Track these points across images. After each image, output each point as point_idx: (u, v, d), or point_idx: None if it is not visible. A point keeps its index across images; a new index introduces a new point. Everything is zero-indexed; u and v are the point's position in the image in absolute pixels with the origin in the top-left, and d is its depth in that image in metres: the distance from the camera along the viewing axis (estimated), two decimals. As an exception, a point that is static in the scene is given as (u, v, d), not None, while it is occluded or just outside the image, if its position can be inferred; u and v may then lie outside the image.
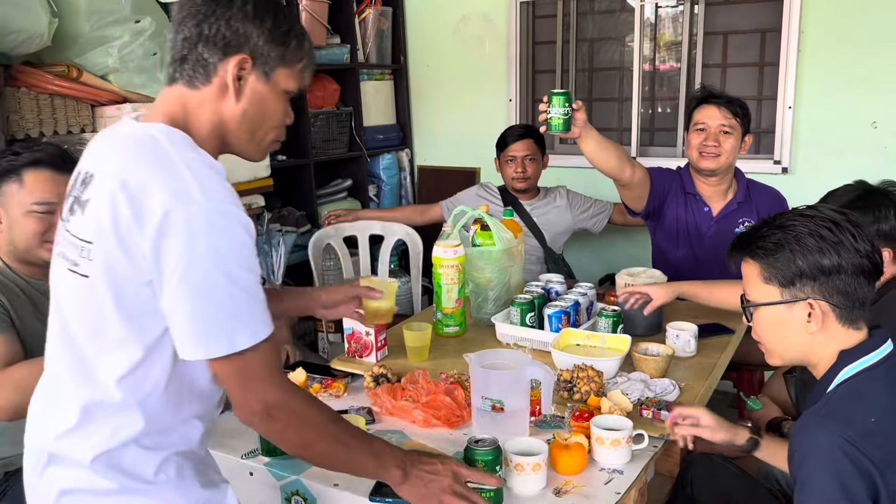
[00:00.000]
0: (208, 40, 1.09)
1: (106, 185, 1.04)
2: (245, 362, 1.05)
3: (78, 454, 1.10)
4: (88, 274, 1.06)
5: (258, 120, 1.15)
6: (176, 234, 0.99)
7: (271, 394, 1.08)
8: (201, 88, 1.11)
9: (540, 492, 1.39)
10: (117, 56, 2.49)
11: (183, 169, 1.03)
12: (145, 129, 1.09)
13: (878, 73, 3.07)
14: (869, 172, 3.10)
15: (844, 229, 1.22)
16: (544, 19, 3.92)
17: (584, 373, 1.70)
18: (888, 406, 1.18)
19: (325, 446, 1.16)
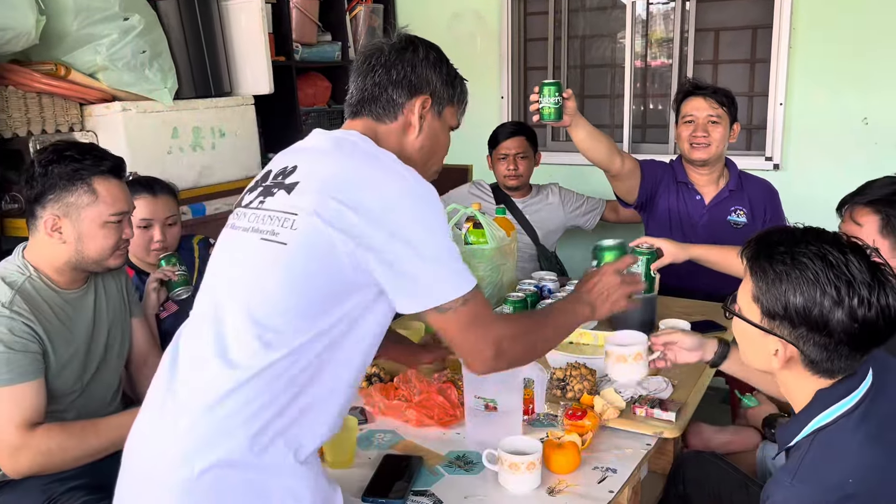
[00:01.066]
0: (397, 84, 1.28)
1: (319, 170, 1.18)
2: (475, 305, 1.17)
3: (238, 425, 1.10)
4: (287, 242, 1.14)
5: (431, 152, 1.35)
6: (394, 208, 1.12)
7: (497, 330, 1.20)
8: (388, 124, 1.30)
9: (534, 491, 1.39)
10: (106, 54, 2.47)
11: (385, 159, 1.20)
12: (344, 135, 1.25)
13: (868, 69, 3.07)
14: (860, 169, 3.12)
15: (855, 292, 1.08)
16: (536, 16, 3.91)
17: (577, 371, 1.69)
18: (866, 460, 1.09)
19: (544, 343, 1.34)
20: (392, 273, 1.13)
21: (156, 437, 1.16)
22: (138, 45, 2.53)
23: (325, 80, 3.68)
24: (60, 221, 1.60)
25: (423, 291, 1.14)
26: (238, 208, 1.28)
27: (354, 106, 1.31)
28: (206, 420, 1.11)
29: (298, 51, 3.45)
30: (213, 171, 2.88)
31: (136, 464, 1.18)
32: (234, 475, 1.10)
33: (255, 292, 1.15)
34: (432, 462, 1.51)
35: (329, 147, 1.23)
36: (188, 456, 1.10)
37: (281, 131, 3.45)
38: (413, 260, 1.12)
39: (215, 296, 1.21)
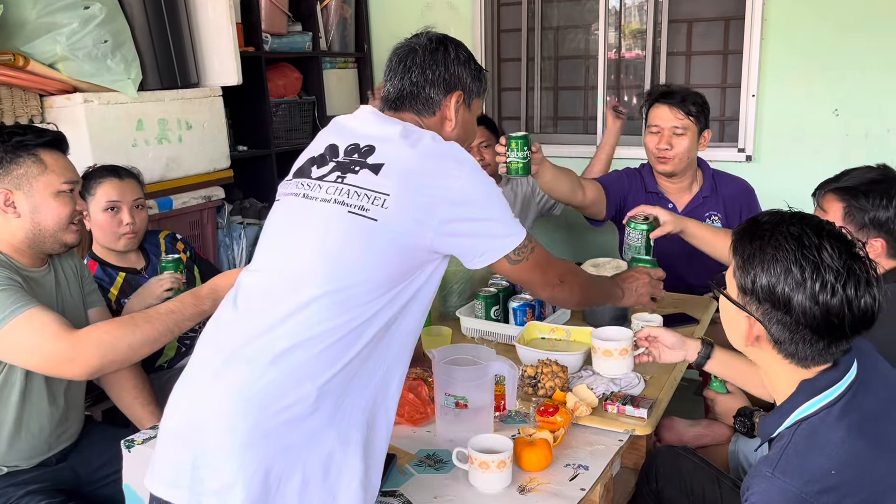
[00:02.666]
0: (434, 83, 1.40)
1: (401, 156, 1.28)
2: (537, 251, 1.39)
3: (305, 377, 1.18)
4: (378, 218, 1.23)
5: (464, 140, 1.44)
6: (464, 186, 1.26)
7: (559, 269, 1.49)
8: (428, 118, 1.42)
9: (505, 490, 1.37)
10: (66, 44, 2.40)
11: (451, 147, 1.32)
12: (408, 125, 1.34)
13: (839, 61, 3.09)
14: (831, 160, 3.15)
15: (819, 276, 1.09)
16: (509, 7, 3.88)
17: (549, 368, 1.67)
18: (849, 452, 1.09)
19: (588, 296, 1.63)
20: (469, 239, 1.29)
21: (217, 389, 1.19)
22: (100, 34, 2.46)
23: (296, 71, 3.62)
24: (13, 195, 1.60)
25: (496, 244, 1.32)
26: (303, 178, 1.34)
27: (394, 102, 1.42)
28: (274, 370, 1.17)
29: (268, 41, 3.39)
30: (180, 165, 2.82)
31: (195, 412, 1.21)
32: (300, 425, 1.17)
33: (341, 260, 1.23)
34: (402, 461, 1.48)
35: (399, 135, 1.31)
36: (259, 402, 1.16)
37: (251, 123, 3.39)
38: (484, 222, 1.29)
39: (291, 258, 1.26)
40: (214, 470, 1.14)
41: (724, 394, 1.85)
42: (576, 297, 1.57)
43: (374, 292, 1.23)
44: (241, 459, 1.13)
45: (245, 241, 3.15)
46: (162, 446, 1.24)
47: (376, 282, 1.23)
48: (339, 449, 1.19)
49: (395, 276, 1.25)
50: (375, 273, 1.23)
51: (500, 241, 1.33)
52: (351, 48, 3.95)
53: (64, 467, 1.71)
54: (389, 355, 1.28)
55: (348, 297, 1.21)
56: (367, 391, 1.25)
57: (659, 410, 1.63)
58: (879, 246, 1.62)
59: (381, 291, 1.24)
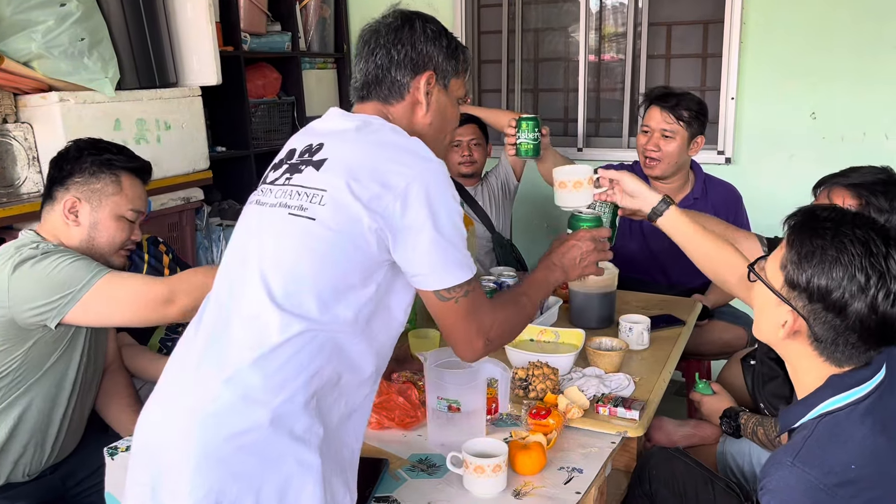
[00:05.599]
0: (400, 64, 1.27)
1: (347, 150, 1.19)
2: (475, 296, 1.21)
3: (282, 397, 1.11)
4: (315, 217, 1.15)
5: (442, 126, 1.34)
6: (420, 188, 1.13)
7: (486, 321, 1.24)
8: (396, 105, 1.29)
9: (500, 494, 1.36)
10: (41, 41, 2.34)
11: (412, 142, 1.20)
12: (369, 119, 1.25)
13: (816, 65, 3.13)
14: (809, 163, 3.19)
15: (884, 286, 1.07)
16: (489, 8, 3.87)
17: (540, 370, 1.67)
18: (871, 448, 1.08)
19: (524, 318, 1.37)
20: (409, 251, 1.15)
21: (190, 403, 1.13)
22: (76, 32, 2.40)
23: (275, 72, 3.58)
24: (80, 205, 1.64)
25: (435, 272, 1.17)
26: (263, 185, 1.28)
27: (360, 90, 1.31)
28: (227, 392, 1.10)
29: (247, 41, 3.35)
30: (159, 165, 2.75)
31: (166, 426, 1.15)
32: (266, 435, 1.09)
33: (284, 267, 1.15)
34: (394, 466, 1.46)
35: (354, 129, 1.23)
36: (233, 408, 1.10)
37: (230, 123, 3.34)
38: (431, 240, 1.14)
39: (241, 270, 1.20)
40: (171, 492, 1.09)
41: (709, 395, 1.86)
42: (505, 343, 1.36)
43: (325, 303, 1.13)
44: (193, 482, 1.07)
45: (224, 242, 3.10)
46: (131, 464, 1.19)
47: (325, 290, 1.13)
48: (298, 473, 1.10)
49: (345, 283, 1.15)
50: (321, 279, 1.14)
51: (439, 271, 1.17)
52: (330, 48, 3.91)
53: (53, 478, 1.67)
54: (354, 373, 1.19)
55: (297, 310, 1.12)
56: (330, 413, 1.16)
57: (650, 411, 1.63)
58: None
59: (332, 302, 1.14)
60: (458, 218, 1.19)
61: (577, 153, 3.66)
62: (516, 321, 1.34)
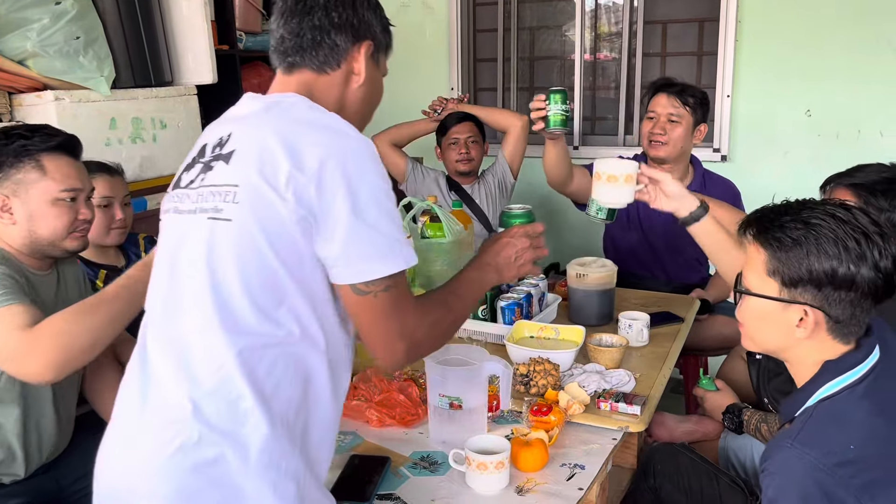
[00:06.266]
0: (340, 27, 1.16)
1: (254, 138, 1.07)
2: (398, 291, 1.07)
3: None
4: (232, 217, 1.05)
5: (371, 101, 1.25)
6: (336, 166, 1.02)
7: (413, 319, 1.10)
8: (330, 73, 1.18)
9: (502, 491, 1.35)
10: (36, 40, 2.32)
11: (330, 119, 1.09)
12: (281, 97, 1.14)
13: (811, 63, 3.14)
14: (804, 160, 3.20)
15: (874, 244, 1.09)
16: (485, 7, 3.87)
17: (541, 366, 1.67)
18: (869, 429, 1.10)
19: (453, 322, 1.23)
20: (327, 241, 1.03)
21: (142, 434, 1.06)
22: (71, 30, 2.39)
23: (271, 70, 3.55)
24: (10, 201, 1.53)
25: (351, 263, 1.03)
26: (177, 190, 1.16)
27: (289, 54, 1.17)
28: (175, 426, 1.02)
29: (242, 39, 3.33)
30: (155, 164, 2.75)
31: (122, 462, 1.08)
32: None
33: (214, 281, 1.04)
34: (396, 463, 1.46)
35: (263, 109, 1.12)
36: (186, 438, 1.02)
37: (225, 123, 3.32)
38: (348, 226, 1.02)
39: (171, 289, 1.11)
40: None
41: (713, 391, 1.86)
42: (433, 350, 1.22)
43: (265, 314, 1.03)
44: None
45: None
46: None
47: (261, 299, 1.03)
48: (273, 499, 1.03)
49: (281, 289, 1.03)
50: (255, 288, 1.03)
51: (356, 261, 1.03)
52: (325, 48, 3.90)
53: (46, 478, 1.66)
54: (314, 387, 1.09)
55: (237, 327, 1.03)
56: (295, 430, 1.07)
57: (651, 407, 1.63)
58: None
59: (272, 311, 1.03)
60: (384, 198, 1.06)
61: (573, 151, 3.66)
62: (445, 324, 1.19)
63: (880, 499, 1.05)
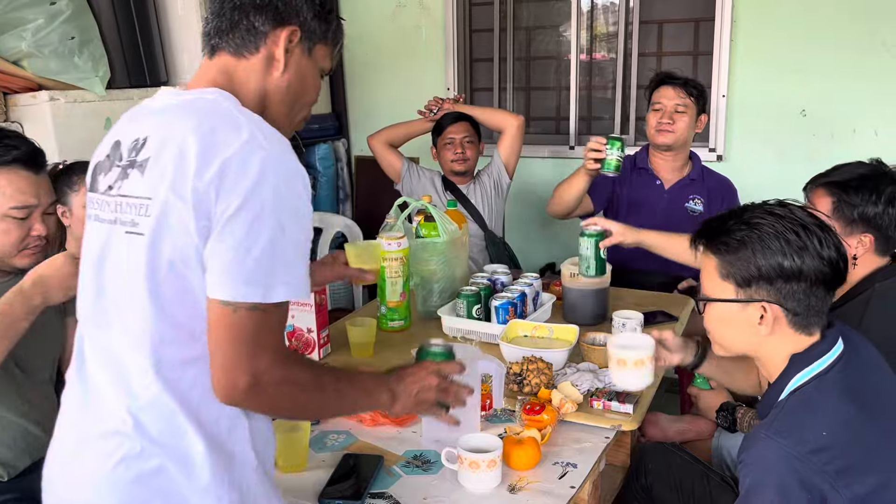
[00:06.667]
0: (261, 8, 1.09)
1: (169, 142, 1.01)
2: (257, 317, 0.97)
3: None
4: (144, 232, 1.01)
5: (299, 94, 1.16)
6: (238, 171, 0.96)
7: (265, 361, 0.99)
8: (248, 58, 1.11)
9: (495, 489, 1.36)
10: (31, 40, 2.33)
11: (246, 122, 1.02)
12: (201, 94, 1.08)
13: (806, 62, 3.14)
14: (799, 159, 3.21)
15: (812, 234, 1.16)
16: (481, 7, 3.88)
17: (534, 365, 1.67)
18: (841, 416, 1.13)
19: (318, 402, 1.11)
20: (215, 244, 0.97)
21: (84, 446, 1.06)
22: (66, 30, 2.40)
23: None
24: None
25: (228, 275, 0.96)
26: (96, 195, 1.11)
27: (212, 36, 1.12)
28: (114, 441, 1.01)
29: (238, 39, 3.34)
30: (150, 165, 2.76)
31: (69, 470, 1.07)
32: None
33: (133, 302, 1.02)
34: (389, 462, 1.46)
35: (182, 110, 1.05)
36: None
37: (221, 123, 3.33)
38: (245, 236, 0.96)
39: (96, 304, 1.09)
40: None
41: (707, 390, 1.86)
42: (284, 409, 1.08)
43: (181, 333, 1.01)
44: None
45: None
46: None
47: (175, 318, 1.00)
48: None
49: (196, 307, 1.00)
50: (167, 306, 1.00)
51: (234, 275, 0.96)
52: (322, 48, 3.90)
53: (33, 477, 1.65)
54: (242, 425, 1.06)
55: (154, 345, 1.01)
56: (230, 446, 1.05)
57: (644, 405, 1.63)
58: (868, 242, 1.62)
59: (186, 328, 1.01)
60: (285, 218, 0.98)
61: (569, 151, 3.67)
62: (306, 397, 1.07)
63: (856, 485, 1.07)
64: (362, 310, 2.47)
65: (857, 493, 1.05)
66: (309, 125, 3.76)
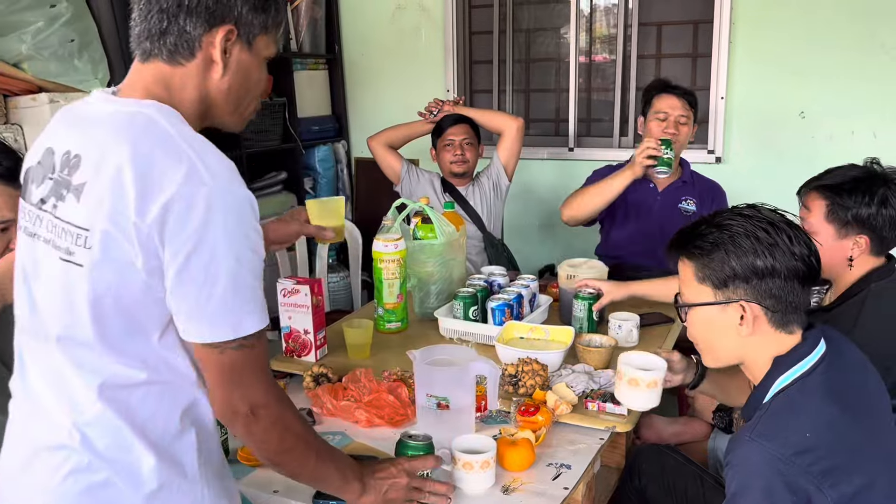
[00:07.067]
0: (191, 11, 1.02)
1: (104, 169, 0.96)
2: (242, 354, 1.00)
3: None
4: (83, 263, 0.98)
5: (244, 92, 1.11)
6: (183, 214, 0.93)
7: (261, 393, 1.03)
8: (185, 64, 1.04)
9: (489, 490, 1.36)
10: (31, 43, 2.35)
11: (186, 149, 0.96)
12: (135, 106, 1.01)
13: (805, 64, 3.15)
14: (798, 161, 3.21)
15: (781, 231, 1.18)
16: (480, 9, 3.89)
17: (529, 366, 1.67)
18: (824, 417, 1.13)
19: (300, 455, 1.12)
20: (174, 292, 0.96)
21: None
22: (66, 33, 2.41)
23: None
24: None
25: (192, 319, 0.98)
26: (29, 206, 1.07)
27: (141, 39, 1.05)
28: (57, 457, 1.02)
29: (238, 42, 3.35)
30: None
31: None
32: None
33: (72, 320, 1.01)
34: (384, 463, 1.46)
35: (117, 127, 0.99)
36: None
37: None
38: (204, 281, 0.95)
39: (30, 320, 1.07)
40: None
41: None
42: (271, 447, 1.08)
43: (125, 358, 1.00)
44: None
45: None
46: None
47: (118, 345, 1.00)
48: None
49: (141, 335, 1.00)
50: (109, 333, 1.00)
51: (197, 319, 0.97)
52: (322, 49, 3.92)
53: None
54: (196, 419, 1.07)
55: (97, 367, 1.00)
56: (179, 460, 1.05)
57: (639, 408, 1.63)
58: (864, 243, 1.62)
59: (131, 354, 1.00)
60: (243, 252, 0.97)
61: (568, 153, 3.67)
62: (294, 443, 1.09)
63: (842, 485, 1.07)
64: (360, 311, 2.48)
65: (843, 494, 1.05)
66: (309, 126, 3.81)
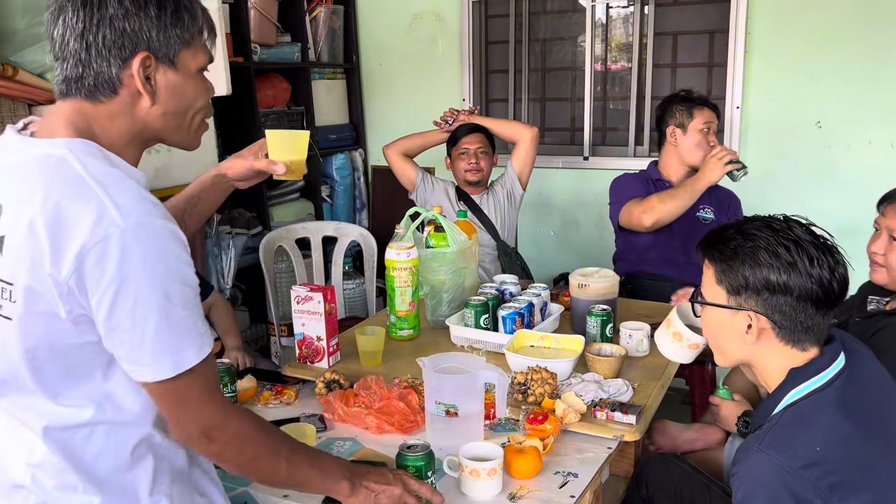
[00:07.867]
0: (100, 52, 0.98)
1: (20, 220, 0.95)
2: (185, 383, 1.00)
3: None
4: (12, 317, 0.98)
5: (181, 111, 1.08)
6: (98, 262, 0.92)
7: (210, 415, 1.04)
8: (106, 102, 1.01)
9: (495, 497, 1.37)
10: (55, 54, 2.40)
11: (97, 191, 0.94)
12: (51, 148, 0.98)
13: (821, 74, 3.14)
14: (814, 171, 3.20)
15: (804, 251, 1.16)
16: (497, 19, 3.91)
17: (539, 375, 1.68)
18: (836, 432, 1.13)
19: (267, 463, 1.12)
20: (110, 338, 0.96)
21: None
22: (89, 44, 2.46)
23: (285, 82, 3.63)
24: None
25: (142, 362, 0.97)
26: None
27: (58, 83, 1.02)
28: None
29: (257, 52, 3.40)
30: (169, 174, 2.82)
31: None
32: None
33: (7, 370, 1.01)
34: (393, 469, 1.48)
35: (29, 174, 0.97)
36: None
37: (240, 133, 3.39)
38: (133, 326, 0.94)
39: None
40: None
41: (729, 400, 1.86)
42: (232, 462, 1.09)
43: (66, 403, 1.01)
44: None
45: (234, 250, 3.15)
46: None
47: (58, 391, 1.01)
48: None
49: (80, 379, 1.01)
50: (48, 381, 1.00)
51: (136, 359, 0.97)
52: (340, 59, 3.96)
53: None
54: (153, 450, 1.08)
55: (38, 411, 1.02)
56: (136, 495, 1.07)
57: (647, 417, 1.64)
58: None
59: (72, 399, 1.01)
60: (170, 287, 0.95)
61: (583, 162, 3.68)
62: (255, 453, 1.09)
63: (850, 500, 1.07)
64: (373, 319, 2.50)
65: None
66: (326, 135, 3.85)
